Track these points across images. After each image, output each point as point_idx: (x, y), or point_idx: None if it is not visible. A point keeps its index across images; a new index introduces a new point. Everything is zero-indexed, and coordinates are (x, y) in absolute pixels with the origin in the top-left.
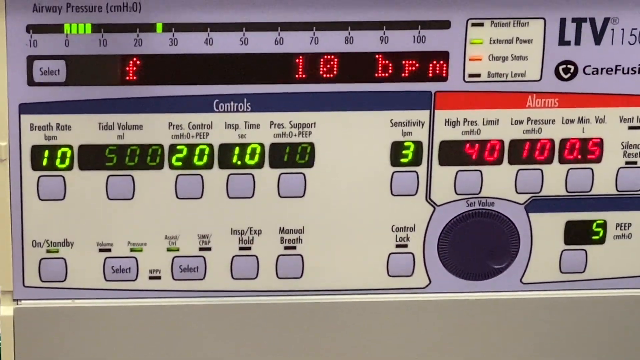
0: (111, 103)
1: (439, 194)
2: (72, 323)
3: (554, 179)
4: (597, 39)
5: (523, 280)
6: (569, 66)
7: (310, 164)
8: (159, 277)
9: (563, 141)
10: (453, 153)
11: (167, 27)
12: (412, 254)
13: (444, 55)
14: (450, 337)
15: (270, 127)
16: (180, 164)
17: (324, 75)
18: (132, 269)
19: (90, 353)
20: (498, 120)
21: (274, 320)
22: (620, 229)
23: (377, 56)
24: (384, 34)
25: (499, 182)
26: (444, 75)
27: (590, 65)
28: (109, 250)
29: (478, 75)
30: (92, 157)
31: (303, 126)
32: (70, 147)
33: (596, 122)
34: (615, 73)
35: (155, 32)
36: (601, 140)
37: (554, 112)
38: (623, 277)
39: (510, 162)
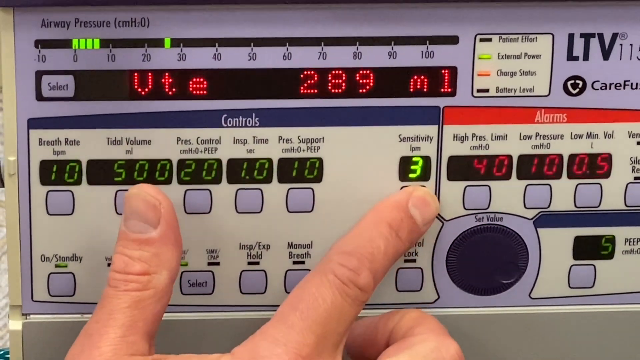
0: (120, 118)
1: (447, 209)
2: None
3: (563, 194)
4: (606, 54)
5: (532, 295)
6: (577, 81)
7: (318, 179)
8: None
9: (572, 156)
10: (461, 168)
11: (175, 42)
12: (421, 268)
13: (452, 71)
14: None
15: (279, 142)
16: (188, 178)
17: (332, 91)
18: None
19: None
20: (506, 135)
21: None
22: (629, 244)
23: (385, 71)
24: (392, 49)
25: (508, 197)
26: (453, 90)
27: (598, 81)
28: None
29: (486, 91)
30: (100, 172)
31: (311, 141)
32: (79, 162)
33: (605, 137)
34: (624, 88)
35: (163, 47)
36: (610, 155)
37: (563, 128)
38: (632, 292)
39: (519, 177)
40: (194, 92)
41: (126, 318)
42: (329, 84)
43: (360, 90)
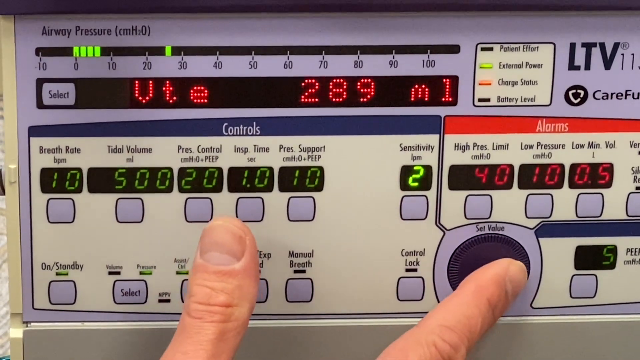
0: (120, 126)
1: (448, 219)
2: (82, 345)
3: (564, 203)
4: (607, 63)
5: (533, 305)
6: (578, 91)
7: (319, 187)
8: (168, 300)
9: (573, 166)
10: (463, 177)
11: (176, 51)
12: (422, 278)
13: (453, 80)
14: None
15: (280, 151)
16: (189, 187)
17: (333, 99)
18: (141, 292)
19: None
20: (508, 144)
21: (283, 343)
22: (631, 254)
23: (386, 80)
24: (394, 58)
25: (509, 207)
26: (454, 99)
27: (600, 90)
28: (119, 273)
29: (488, 100)
30: (101, 180)
31: (312, 150)
32: (80, 170)
33: (606, 147)
34: (626, 98)
35: (164, 56)
36: (611, 165)
37: (564, 137)
38: (634, 303)
39: (520, 187)
40: (195, 100)
41: (214, 349)
42: (330, 93)
43: (361, 99)
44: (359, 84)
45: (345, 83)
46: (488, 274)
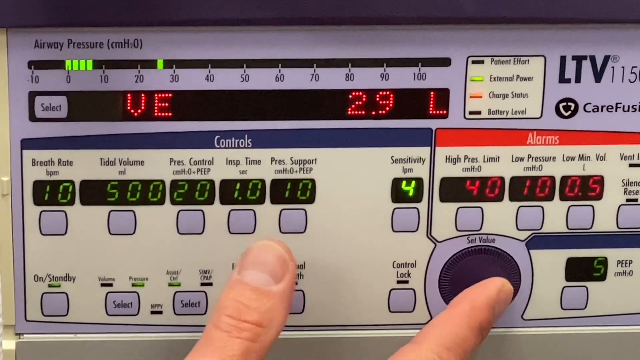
0: (113, 139)
1: (439, 230)
2: (74, 357)
3: (555, 215)
4: (598, 76)
5: (524, 317)
6: (569, 104)
7: (311, 200)
8: (160, 312)
9: (564, 178)
10: (454, 189)
11: (168, 64)
12: (414, 289)
13: (444, 93)
14: None
15: (271, 163)
16: (181, 199)
17: (325, 112)
18: (133, 304)
19: None
20: (499, 157)
21: (275, 355)
22: (622, 266)
23: (377, 93)
24: (385, 70)
25: (500, 219)
26: (445, 112)
27: (590, 103)
28: (111, 285)
29: (478, 113)
30: (93, 193)
31: (304, 162)
32: (72, 182)
33: (597, 159)
34: (616, 111)
35: (156, 69)
36: (602, 177)
37: (555, 150)
38: (624, 314)
39: (511, 199)
40: (187, 113)
41: None
42: (321, 106)
43: (353, 112)
44: (350, 96)
45: (336, 96)
46: (483, 297)
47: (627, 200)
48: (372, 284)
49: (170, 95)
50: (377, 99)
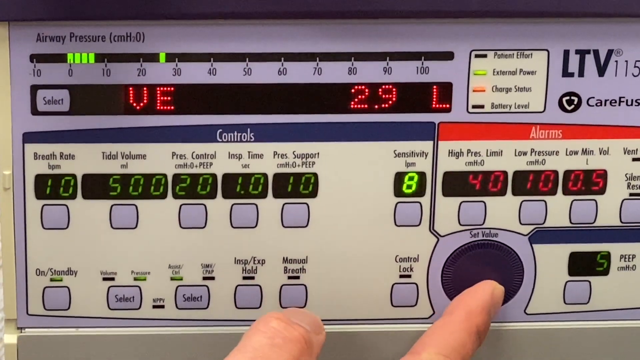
0: (115, 132)
1: (442, 225)
2: (76, 351)
3: (558, 210)
4: (601, 70)
5: (527, 311)
6: (572, 98)
7: (313, 194)
8: (162, 306)
9: (567, 172)
10: (457, 184)
11: (170, 57)
12: (416, 284)
13: (447, 86)
14: None
15: (274, 157)
16: (183, 193)
17: (327, 106)
18: (135, 298)
19: None
20: (502, 151)
21: None
22: (625, 261)
23: (380, 87)
24: (388, 64)
25: (503, 213)
26: (448, 106)
27: (593, 97)
28: (113, 279)
29: (482, 107)
30: (95, 186)
31: (306, 156)
32: (74, 176)
33: (600, 153)
34: (619, 105)
35: (158, 62)
36: (605, 171)
37: (558, 144)
38: (627, 309)
39: (514, 193)
40: (189, 106)
41: None
42: (324, 100)
43: (356, 106)
44: (353, 90)
45: (339, 90)
46: (478, 302)
47: (631, 194)
48: (374, 278)
49: (172, 89)
50: (380, 92)
